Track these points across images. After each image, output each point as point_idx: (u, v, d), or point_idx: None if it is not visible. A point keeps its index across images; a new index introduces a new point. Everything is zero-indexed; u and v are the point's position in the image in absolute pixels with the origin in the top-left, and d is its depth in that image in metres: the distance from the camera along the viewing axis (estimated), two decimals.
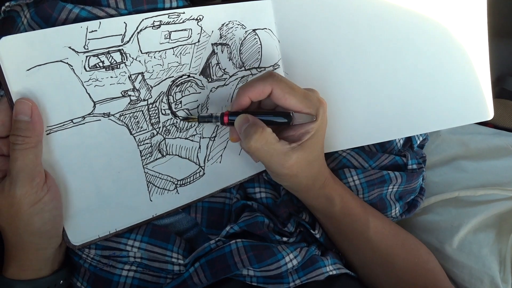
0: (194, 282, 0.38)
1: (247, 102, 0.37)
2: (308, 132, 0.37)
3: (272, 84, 0.36)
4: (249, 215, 0.42)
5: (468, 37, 0.43)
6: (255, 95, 0.36)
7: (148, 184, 0.39)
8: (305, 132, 0.37)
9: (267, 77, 0.36)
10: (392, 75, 0.44)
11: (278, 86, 0.36)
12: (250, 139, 0.35)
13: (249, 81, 0.37)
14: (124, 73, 0.36)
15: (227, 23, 0.40)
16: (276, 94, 0.36)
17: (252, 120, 0.36)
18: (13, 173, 0.32)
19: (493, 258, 0.47)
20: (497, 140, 0.58)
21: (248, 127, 0.36)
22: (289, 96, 0.36)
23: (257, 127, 0.35)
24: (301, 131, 0.37)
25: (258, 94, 0.36)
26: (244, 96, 0.37)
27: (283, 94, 0.36)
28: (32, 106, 0.32)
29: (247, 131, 0.36)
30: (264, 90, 0.36)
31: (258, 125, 0.36)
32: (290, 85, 0.37)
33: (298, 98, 0.36)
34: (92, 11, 0.35)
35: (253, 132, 0.35)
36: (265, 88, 0.36)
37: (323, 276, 0.41)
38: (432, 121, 0.46)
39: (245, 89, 0.37)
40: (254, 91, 0.36)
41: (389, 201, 0.48)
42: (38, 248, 0.35)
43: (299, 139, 0.37)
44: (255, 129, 0.35)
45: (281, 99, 0.36)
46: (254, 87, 0.36)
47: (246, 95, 0.36)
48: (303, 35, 0.44)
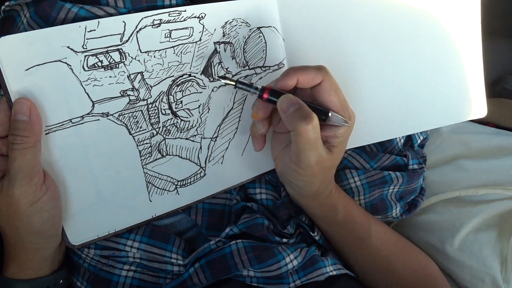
0: (193, 282, 0.38)
1: (294, 83, 0.36)
2: (337, 137, 0.37)
3: (324, 76, 0.36)
4: (249, 217, 0.42)
5: (462, 37, 0.44)
6: (305, 79, 0.35)
7: (148, 184, 0.39)
8: (333, 135, 0.37)
9: (321, 68, 0.36)
10: (392, 74, 0.44)
11: (329, 80, 0.36)
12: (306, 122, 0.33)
13: (302, 66, 0.36)
14: (123, 72, 0.36)
15: (231, 21, 0.40)
16: (324, 87, 0.36)
17: (302, 103, 0.35)
18: (12, 173, 0.31)
19: (494, 258, 0.47)
20: (498, 140, 0.57)
21: (300, 110, 0.34)
22: (334, 93, 0.36)
23: (311, 112, 0.34)
24: (329, 134, 0.37)
25: (308, 79, 0.35)
26: (294, 77, 0.35)
27: (329, 90, 0.36)
28: (31, 106, 0.32)
29: (302, 114, 0.34)
30: (315, 79, 0.35)
31: (311, 111, 0.35)
32: (337, 85, 0.37)
33: (341, 99, 0.37)
34: (91, 10, 0.35)
35: (309, 116, 0.34)
36: (316, 76, 0.35)
37: (323, 277, 0.41)
38: (428, 119, 0.46)
39: (297, 70, 0.35)
40: (306, 75, 0.35)
41: (390, 202, 0.48)
42: (37, 247, 0.35)
43: (326, 142, 0.37)
44: (310, 113, 0.34)
45: (326, 93, 0.36)
46: (307, 71, 0.35)
47: (296, 76, 0.35)
48: (308, 34, 0.43)
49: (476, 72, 0.45)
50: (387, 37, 0.43)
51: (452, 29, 0.44)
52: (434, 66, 0.45)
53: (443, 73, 0.45)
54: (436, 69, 0.45)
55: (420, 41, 0.44)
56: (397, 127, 0.46)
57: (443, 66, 0.45)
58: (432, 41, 0.44)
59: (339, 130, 0.37)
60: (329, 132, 0.37)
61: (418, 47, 0.44)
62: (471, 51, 0.45)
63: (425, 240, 0.53)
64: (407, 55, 0.44)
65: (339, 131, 0.37)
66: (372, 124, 0.45)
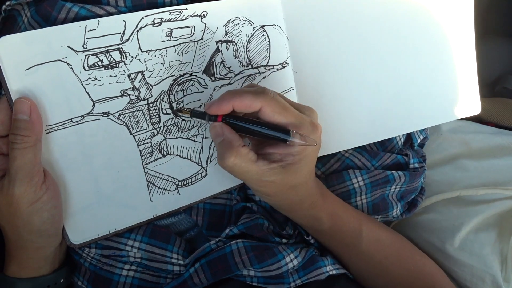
0: (194, 282, 0.38)
1: (228, 109, 0.33)
2: (292, 155, 0.34)
3: (263, 101, 0.33)
4: (249, 217, 0.42)
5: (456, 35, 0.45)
6: (240, 106, 0.33)
7: (148, 184, 0.39)
8: (288, 154, 0.34)
9: (259, 93, 0.33)
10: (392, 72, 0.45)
11: (269, 105, 0.33)
12: (222, 159, 0.33)
13: (239, 90, 0.34)
14: (123, 72, 0.36)
15: (233, 19, 0.39)
16: (266, 112, 0.33)
17: (226, 135, 0.33)
18: (12, 172, 0.31)
19: (494, 257, 0.47)
20: (499, 139, 0.57)
21: (221, 144, 0.33)
22: (278, 117, 0.33)
23: (230, 148, 0.33)
24: (284, 152, 0.34)
25: (244, 106, 0.33)
26: (228, 103, 0.33)
27: (272, 114, 0.33)
28: (31, 105, 0.32)
29: (221, 149, 0.33)
30: (252, 105, 0.33)
31: (233, 145, 0.33)
32: (283, 105, 0.34)
33: (289, 120, 0.33)
34: (92, 9, 0.35)
35: (226, 152, 0.32)
36: (253, 103, 0.33)
37: (323, 276, 0.41)
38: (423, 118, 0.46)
39: (232, 96, 0.33)
40: (241, 103, 0.33)
41: (391, 201, 0.48)
42: (38, 246, 0.35)
43: (281, 160, 0.34)
44: (229, 149, 0.33)
45: (270, 118, 0.33)
46: (242, 98, 0.33)
47: (230, 103, 0.33)
48: (312, 32, 0.43)
49: (469, 70, 0.46)
50: (387, 36, 0.43)
51: (446, 28, 0.44)
52: (428, 65, 0.45)
53: (437, 72, 0.45)
54: (430, 68, 0.45)
55: (416, 40, 0.44)
56: (393, 126, 0.46)
57: (437, 64, 0.45)
58: (427, 40, 0.44)
59: (294, 148, 0.34)
60: (284, 150, 0.34)
61: (414, 46, 0.44)
62: (465, 49, 0.45)
63: (426, 239, 0.53)
64: (403, 54, 0.44)
65: (294, 149, 0.34)
66: (372, 123, 0.45)
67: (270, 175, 0.34)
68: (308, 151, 0.35)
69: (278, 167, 0.34)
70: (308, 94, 0.44)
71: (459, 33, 0.45)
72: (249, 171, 0.33)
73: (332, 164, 0.47)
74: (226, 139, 0.33)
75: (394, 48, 0.44)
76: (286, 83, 0.44)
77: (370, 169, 0.47)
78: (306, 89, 0.44)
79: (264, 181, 0.34)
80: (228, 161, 0.33)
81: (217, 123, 0.34)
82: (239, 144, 0.33)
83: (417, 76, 0.45)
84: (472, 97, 0.46)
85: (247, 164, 0.33)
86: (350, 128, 0.45)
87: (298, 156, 0.34)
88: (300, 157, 0.34)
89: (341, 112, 0.45)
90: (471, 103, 0.47)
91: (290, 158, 0.34)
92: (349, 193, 0.46)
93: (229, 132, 0.34)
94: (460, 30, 0.45)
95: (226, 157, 0.33)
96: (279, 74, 0.43)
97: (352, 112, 0.45)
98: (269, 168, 0.34)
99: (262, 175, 0.34)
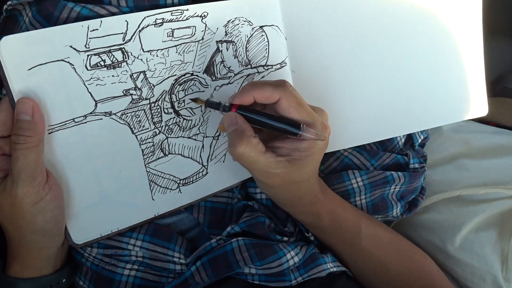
0: (195, 281, 0.38)
1: (250, 100, 0.35)
2: (299, 151, 0.35)
3: (282, 93, 0.34)
4: (250, 216, 0.42)
5: (463, 36, 0.44)
6: (261, 97, 0.35)
7: (150, 183, 0.39)
8: (295, 149, 0.35)
9: (279, 85, 0.35)
10: (393, 72, 0.44)
11: (287, 97, 0.34)
12: (233, 146, 0.34)
13: (260, 82, 0.36)
14: (125, 71, 0.36)
15: (233, 19, 0.40)
16: (282, 105, 0.35)
17: (240, 124, 0.35)
18: (15, 173, 0.31)
19: (495, 257, 0.47)
20: (499, 139, 0.58)
21: (234, 133, 0.34)
22: (293, 111, 0.35)
23: (242, 136, 0.34)
24: (291, 147, 0.35)
25: (264, 97, 0.35)
26: (249, 94, 0.35)
27: (288, 107, 0.35)
28: (34, 105, 0.32)
29: (232, 138, 0.34)
30: (272, 97, 0.34)
31: (245, 134, 0.34)
32: (299, 100, 0.35)
33: (302, 116, 0.35)
34: (94, 9, 0.35)
35: (238, 140, 0.34)
36: (273, 94, 0.34)
37: (324, 273, 0.41)
38: (429, 118, 0.46)
39: (253, 87, 0.35)
40: (261, 93, 0.35)
41: (391, 201, 0.48)
42: (40, 246, 0.36)
43: (288, 155, 0.35)
44: (241, 138, 0.34)
45: (285, 111, 0.35)
46: (262, 89, 0.34)
47: (252, 94, 0.35)
48: (310, 32, 0.43)
49: (477, 71, 0.45)
50: (389, 36, 0.43)
51: (454, 28, 0.44)
52: (435, 65, 0.45)
53: (444, 72, 0.45)
54: (437, 68, 0.45)
55: (422, 40, 0.44)
56: (397, 125, 0.46)
57: (444, 64, 0.45)
58: (433, 39, 0.44)
59: (302, 144, 0.35)
60: (291, 145, 0.35)
61: (420, 46, 0.44)
62: (472, 50, 0.45)
63: (426, 239, 0.53)
64: (408, 53, 0.44)
65: (301, 145, 0.35)
66: (373, 123, 0.45)
67: (276, 167, 0.35)
68: (315, 149, 0.36)
69: (285, 161, 0.35)
70: (306, 93, 0.44)
71: (467, 33, 0.44)
72: (256, 161, 0.35)
73: (331, 163, 0.47)
74: (239, 128, 0.34)
75: (397, 47, 0.44)
76: None
77: (369, 168, 0.47)
78: (304, 88, 0.44)
79: (269, 173, 0.35)
80: (239, 149, 0.34)
81: (232, 112, 0.35)
82: (251, 134, 0.34)
83: (422, 76, 0.45)
84: (479, 98, 0.46)
85: (256, 154, 0.34)
86: (349, 127, 0.45)
87: (305, 153, 0.35)
88: (307, 153, 0.35)
89: (340, 111, 0.45)
90: (478, 104, 0.46)
91: (297, 153, 0.35)
92: (348, 193, 0.46)
93: (242, 122, 0.35)
94: (468, 29, 0.44)
95: (237, 145, 0.34)
96: (277, 74, 0.43)
97: (351, 111, 0.45)
98: (276, 161, 0.35)
99: (268, 167, 0.35)
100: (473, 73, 0.45)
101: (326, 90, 0.45)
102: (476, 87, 0.46)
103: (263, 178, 0.36)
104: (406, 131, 0.47)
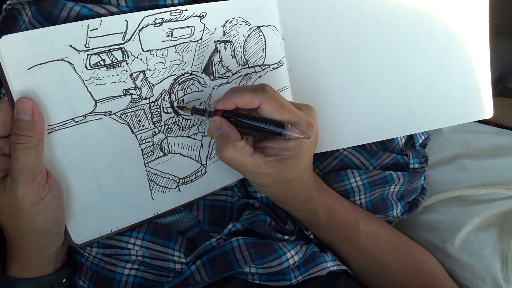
0: (195, 280, 0.38)
1: (232, 106, 0.36)
2: (287, 150, 0.36)
3: (262, 98, 0.35)
4: (251, 213, 0.42)
5: (469, 36, 0.44)
6: (242, 103, 0.35)
7: (150, 182, 0.39)
8: (283, 148, 0.36)
9: (259, 90, 0.35)
10: (394, 73, 0.44)
11: (267, 102, 0.35)
12: (220, 151, 0.35)
13: (241, 87, 0.36)
14: (125, 71, 0.36)
15: (231, 20, 0.40)
16: (264, 109, 0.35)
17: (225, 129, 0.35)
18: (15, 173, 0.31)
19: (495, 257, 0.47)
20: (500, 139, 0.57)
21: (220, 137, 0.35)
22: (275, 114, 0.35)
23: (228, 141, 0.35)
24: (279, 146, 0.36)
25: (245, 103, 0.35)
26: (230, 100, 0.36)
27: (270, 111, 0.35)
28: (33, 105, 0.32)
29: (218, 142, 0.35)
30: (252, 102, 0.35)
31: (230, 138, 0.35)
32: (281, 102, 0.35)
33: (285, 117, 0.35)
34: (93, 8, 0.35)
35: (224, 144, 0.34)
36: (253, 100, 0.35)
37: (324, 272, 0.41)
38: (432, 119, 0.45)
39: (234, 94, 0.35)
40: (241, 100, 0.35)
41: (391, 201, 0.48)
42: (40, 246, 0.36)
43: (276, 154, 0.36)
44: (226, 142, 0.34)
45: (267, 115, 0.35)
46: (242, 95, 0.35)
47: (233, 100, 0.35)
48: (307, 32, 0.43)
49: (483, 72, 0.44)
50: (389, 36, 0.43)
51: (459, 29, 0.43)
52: (440, 66, 0.44)
53: (449, 73, 0.44)
54: (442, 69, 0.44)
55: (426, 41, 0.43)
56: (400, 126, 0.46)
57: (449, 65, 0.44)
58: (438, 40, 0.43)
59: (289, 143, 0.36)
60: (279, 145, 0.36)
61: (424, 47, 0.43)
62: (478, 51, 0.44)
63: (426, 239, 0.53)
64: (412, 54, 0.43)
65: (289, 145, 0.36)
66: (372, 123, 0.45)
67: (265, 168, 0.36)
68: (303, 147, 0.36)
69: (274, 161, 0.36)
70: (303, 92, 0.45)
71: (472, 33, 0.43)
72: (244, 164, 0.35)
73: (330, 162, 0.47)
74: (224, 132, 0.35)
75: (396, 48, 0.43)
76: (281, 81, 0.45)
77: (368, 168, 0.47)
78: (301, 87, 0.45)
79: (259, 173, 0.36)
80: (225, 154, 0.35)
81: (216, 117, 0.36)
82: (236, 138, 0.35)
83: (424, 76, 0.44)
84: (485, 100, 0.45)
85: (243, 157, 0.35)
86: (347, 126, 0.45)
87: (293, 151, 0.36)
88: (295, 152, 0.36)
89: (336, 111, 0.45)
90: (483, 106, 0.45)
91: (285, 152, 0.36)
92: (347, 192, 0.46)
93: (227, 126, 0.36)
94: (474, 29, 0.43)
95: (223, 150, 0.35)
96: (274, 73, 0.44)
97: (348, 111, 0.45)
98: (264, 162, 0.35)
99: (257, 168, 0.36)
100: (478, 75, 0.44)
101: (323, 90, 0.45)
102: (481, 89, 0.45)
103: (254, 179, 0.37)
104: (407, 131, 0.47)
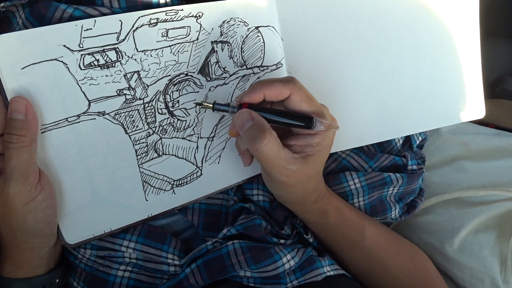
0: (190, 283, 0.38)
1: (260, 98, 0.35)
2: (312, 146, 0.36)
3: (292, 89, 0.35)
4: (247, 218, 0.42)
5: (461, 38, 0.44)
6: (271, 94, 0.35)
7: (144, 183, 0.39)
8: (308, 145, 0.36)
9: (288, 81, 0.35)
10: (389, 74, 0.44)
11: (298, 92, 0.35)
12: (257, 142, 0.33)
13: (269, 79, 0.36)
14: (119, 71, 0.36)
15: (228, 20, 0.40)
16: (294, 100, 0.35)
17: (257, 119, 0.34)
18: (7, 172, 0.31)
19: (494, 259, 0.47)
20: (498, 141, 0.57)
21: (253, 127, 0.34)
22: (305, 104, 0.35)
23: (265, 130, 0.33)
24: (304, 143, 0.36)
25: (275, 94, 0.35)
26: (260, 92, 0.35)
27: (300, 101, 0.35)
28: (27, 104, 0.32)
29: (253, 133, 0.34)
30: (282, 92, 0.35)
31: (266, 128, 0.34)
32: (309, 94, 0.36)
33: (313, 108, 0.35)
34: (86, 10, 0.35)
35: (261, 135, 0.33)
36: (283, 90, 0.34)
37: (320, 277, 0.40)
38: (427, 120, 0.46)
39: (263, 85, 0.35)
40: (272, 90, 0.34)
41: (389, 203, 0.48)
42: (32, 246, 0.35)
43: (301, 151, 0.36)
44: (263, 132, 0.33)
45: (296, 106, 0.35)
46: (273, 86, 0.34)
47: (262, 91, 0.34)
48: (306, 33, 0.43)
49: (474, 72, 0.45)
50: (385, 37, 0.43)
51: (451, 30, 0.44)
52: (432, 67, 0.44)
53: (441, 74, 0.45)
54: (434, 70, 0.44)
55: (419, 42, 0.44)
56: (395, 127, 0.46)
57: (441, 66, 0.45)
58: (430, 41, 0.44)
59: (314, 139, 0.35)
60: (304, 142, 0.36)
61: (417, 48, 0.44)
62: (470, 52, 0.44)
63: (425, 240, 0.52)
64: (405, 55, 0.44)
65: (314, 140, 0.35)
66: (370, 125, 0.45)
67: (293, 163, 0.35)
68: (326, 143, 0.36)
69: (299, 158, 0.35)
70: None
71: (464, 34, 0.44)
72: (279, 155, 0.34)
73: (329, 165, 0.47)
74: (258, 122, 0.34)
75: (393, 49, 0.43)
76: None
77: (367, 170, 0.46)
78: None
79: (288, 170, 0.35)
80: (263, 142, 0.33)
81: (244, 109, 0.35)
82: (270, 127, 0.34)
83: (419, 78, 0.44)
84: (476, 100, 0.46)
85: (278, 147, 0.34)
86: (345, 129, 0.45)
87: (317, 147, 0.36)
88: (319, 148, 0.36)
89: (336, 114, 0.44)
90: (475, 106, 0.46)
91: (309, 149, 0.36)
92: (346, 195, 0.45)
93: (257, 116, 0.35)
94: (465, 31, 0.44)
95: (260, 138, 0.33)
96: (273, 75, 0.43)
97: (347, 113, 0.45)
98: (293, 157, 0.35)
99: (287, 163, 0.35)
100: (470, 75, 0.45)
101: (322, 92, 0.44)
102: (473, 89, 0.46)
103: (282, 176, 0.36)
104: (403, 133, 0.47)
